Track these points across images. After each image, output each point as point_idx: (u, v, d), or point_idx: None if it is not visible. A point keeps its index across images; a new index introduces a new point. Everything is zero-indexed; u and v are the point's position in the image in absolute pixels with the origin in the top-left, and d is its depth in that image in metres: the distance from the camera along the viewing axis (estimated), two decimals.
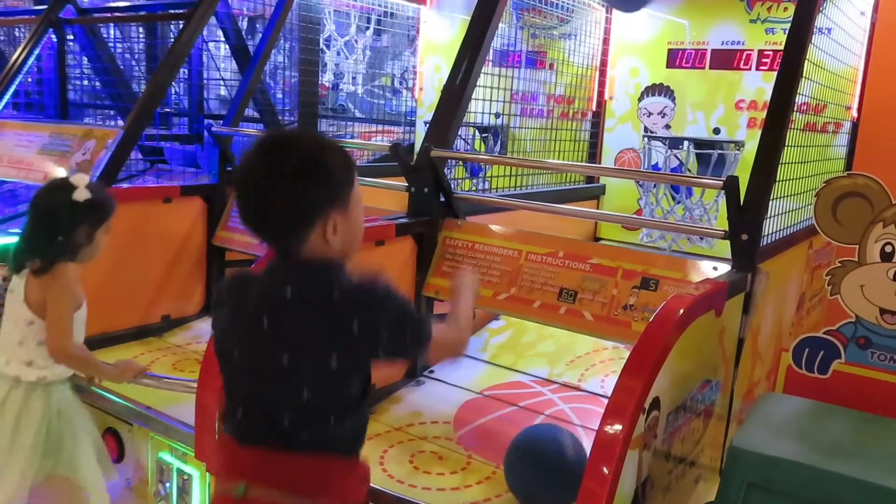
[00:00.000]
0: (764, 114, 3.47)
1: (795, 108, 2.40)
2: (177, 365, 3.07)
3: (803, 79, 2.42)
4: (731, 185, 2.19)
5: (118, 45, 4.92)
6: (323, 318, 1.45)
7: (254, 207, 1.48)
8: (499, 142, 3.95)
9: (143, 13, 4.53)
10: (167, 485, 2.42)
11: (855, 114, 3.40)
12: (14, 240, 3.03)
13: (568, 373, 2.93)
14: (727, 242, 2.28)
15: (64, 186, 2.30)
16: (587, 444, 2.14)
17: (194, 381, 2.22)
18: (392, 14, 4.71)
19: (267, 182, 1.44)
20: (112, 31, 4.93)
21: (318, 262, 1.47)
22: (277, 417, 1.48)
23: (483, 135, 3.95)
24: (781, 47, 2.46)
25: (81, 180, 2.31)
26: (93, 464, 2.34)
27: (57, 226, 2.27)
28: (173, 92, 4.43)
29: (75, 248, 2.29)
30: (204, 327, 3.46)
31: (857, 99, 3.38)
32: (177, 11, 3.98)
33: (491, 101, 3.43)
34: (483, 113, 3.43)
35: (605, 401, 2.57)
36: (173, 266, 3.47)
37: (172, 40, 3.92)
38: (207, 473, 2.27)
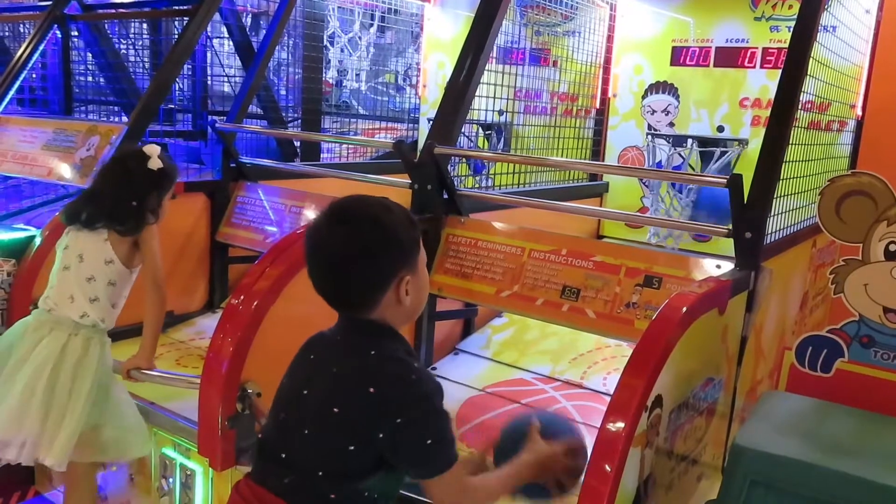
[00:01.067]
0: (768, 112, 3.47)
1: (800, 106, 2.40)
2: (180, 361, 3.07)
3: (808, 77, 2.41)
4: (734, 184, 2.19)
5: (122, 41, 4.92)
6: (346, 386, 1.46)
7: (327, 280, 1.51)
8: (502, 139, 3.95)
9: (147, 9, 4.52)
10: (170, 480, 2.43)
11: (860, 112, 3.39)
12: (19, 235, 3.05)
13: (570, 370, 2.93)
14: (731, 241, 2.28)
15: (139, 155, 2.47)
16: (589, 441, 2.15)
17: (197, 377, 2.23)
18: (396, 11, 4.71)
19: (343, 256, 1.47)
20: (117, 28, 4.94)
21: (375, 331, 1.51)
22: (279, 455, 1.51)
23: (486, 132, 3.95)
24: (786, 45, 2.46)
25: (154, 150, 2.47)
26: (135, 412, 2.44)
27: (133, 192, 2.43)
28: (177, 88, 4.42)
29: (150, 213, 2.46)
30: (207, 323, 3.47)
31: (862, 97, 3.37)
32: (181, 7, 3.99)
33: (494, 98, 3.43)
34: (486, 110, 3.43)
35: (608, 398, 2.57)
36: (177, 262, 3.47)
37: (176, 37, 3.92)
38: (210, 469, 2.27)
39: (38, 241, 2.94)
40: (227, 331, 2.21)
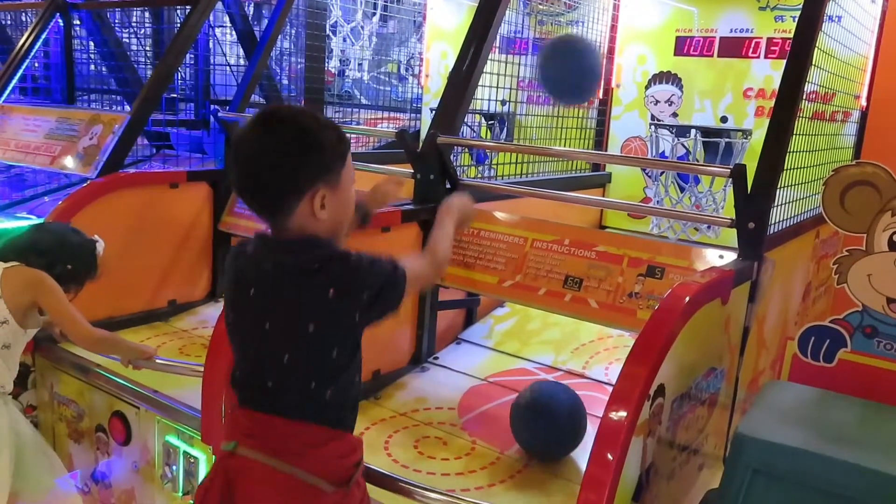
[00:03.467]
0: (772, 102, 3.46)
1: (804, 97, 2.39)
2: (183, 349, 3.08)
3: (813, 67, 2.40)
4: (738, 173, 2.19)
5: (124, 30, 4.92)
6: (300, 286, 1.52)
7: (245, 176, 1.53)
8: (505, 129, 3.94)
9: None
10: (174, 467, 2.44)
11: (864, 103, 3.38)
12: (22, 223, 3.05)
13: (573, 360, 2.93)
14: (734, 233, 2.28)
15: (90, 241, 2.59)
16: (592, 430, 2.16)
17: (201, 366, 2.24)
18: (398, 0, 4.69)
19: (258, 151, 1.49)
20: (119, 16, 4.93)
21: (304, 236, 1.53)
22: (263, 380, 1.57)
23: (489, 122, 3.94)
24: (791, 35, 2.44)
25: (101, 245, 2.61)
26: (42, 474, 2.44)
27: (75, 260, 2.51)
28: (179, 77, 4.42)
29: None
30: (210, 312, 3.48)
31: (867, 88, 3.35)
32: None
33: (497, 88, 3.42)
34: (489, 100, 3.42)
35: (610, 388, 2.58)
36: (180, 251, 3.47)
37: (179, 25, 3.91)
38: (213, 457, 2.28)
39: None
40: None
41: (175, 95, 4.51)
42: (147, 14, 5.07)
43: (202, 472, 2.37)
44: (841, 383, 1.95)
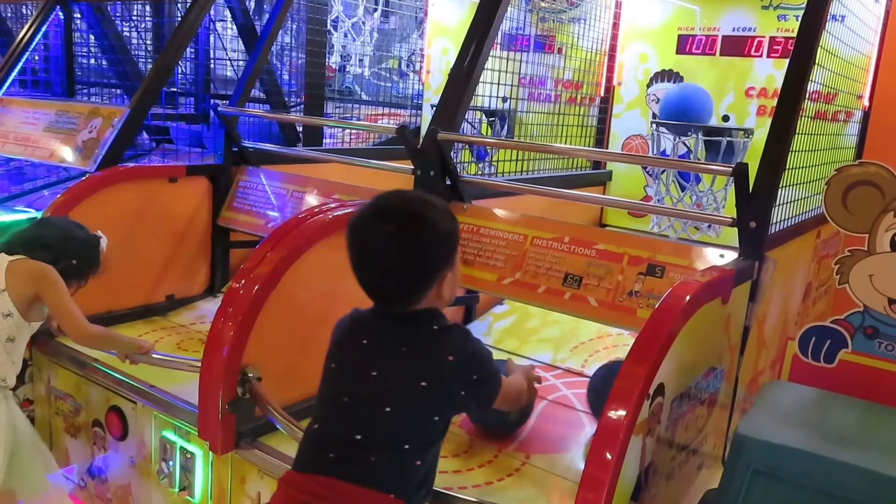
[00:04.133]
0: (774, 102, 3.44)
1: (807, 96, 2.37)
2: (181, 344, 3.07)
3: (816, 66, 2.39)
4: (740, 172, 2.17)
5: (125, 23, 4.90)
6: (420, 343, 1.55)
7: (380, 279, 1.55)
8: (505, 126, 3.93)
9: None
10: (170, 463, 2.43)
11: (867, 103, 3.36)
12: (21, 217, 3.04)
13: (572, 358, 2.92)
14: (735, 233, 2.27)
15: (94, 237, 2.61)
16: (591, 429, 2.15)
17: (198, 361, 2.23)
18: None
19: (394, 256, 1.51)
20: (119, 10, 4.92)
21: (427, 315, 1.58)
22: (351, 433, 1.52)
23: (490, 119, 3.92)
24: (794, 34, 2.43)
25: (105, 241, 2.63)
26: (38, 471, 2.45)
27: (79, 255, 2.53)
28: (179, 71, 4.40)
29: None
30: (208, 307, 3.47)
31: (870, 88, 3.34)
32: None
33: (498, 84, 3.41)
34: (490, 97, 3.41)
35: None
36: (178, 246, 3.46)
37: (179, 19, 3.90)
38: (210, 452, 2.27)
39: None
40: (227, 315, 2.21)
41: (175, 89, 4.50)
42: (148, 8, 5.05)
43: (198, 467, 2.36)
44: (841, 384, 1.94)
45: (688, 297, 1.76)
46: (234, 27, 4.48)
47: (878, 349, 1.95)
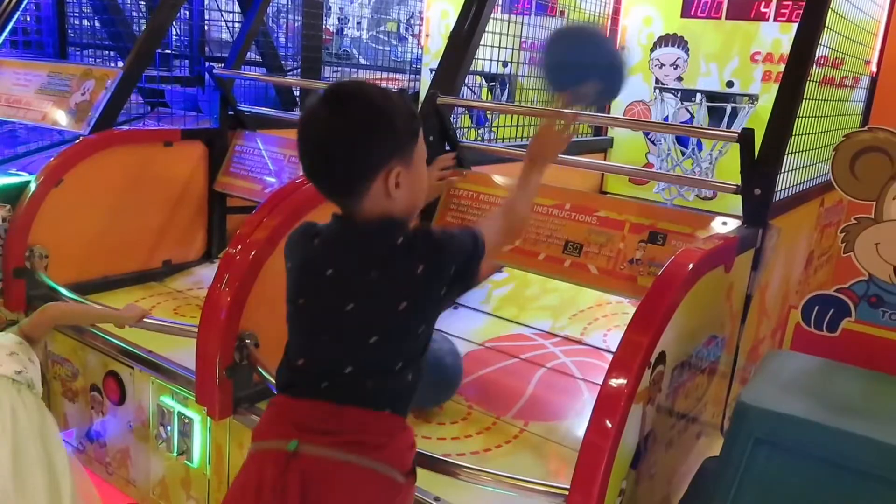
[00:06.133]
0: (780, 67, 3.39)
1: (815, 61, 2.33)
2: (178, 310, 3.05)
3: (825, 30, 2.34)
4: (746, 139, 2.13)
5: None
6: (387, 265, 1.44)
7: (315, 160, 1.45)
8: (506, 91, 3.87)
9: None
10: (168, 428, 2.42)
11: (874, 69, 3.31)
12: (14, 180, 3.00)
13: (570, 326, 2.91)
14: (731, 199, 2.23)
15: None
16: (591, 397, 2.14)
17: (195, 326, 2.21)
18: None
19: (328, 132, 1.41)
20: None
21: (381, 217, 1.45)
22: (341, 366, 1.46)
23: (490, 84, 3.87)
24: None
25: None
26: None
27: None
28: (174, 33, 4.33)
29: None
30: (205, 273, 3.45)
31: (878, 53, 3.28)
32: None
33: (499, 48, 3.35)
34: (490, 60, 3.35)
35: (607, 355, 2.57)
36: (174, 211, 3.43)
37: None
38: (208, 418, 2.26)
39: (32, 186, 2.89)
40: (224, 281, 2.18)
41: (169, 51, 4.43)
42: None
43: (196, 432, 2.35)
44: (844, 353, 1.92)
45: (691, 266, 1.73)
46: None
47: (882, 318, 1.93)
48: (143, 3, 4.67)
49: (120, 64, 4.17)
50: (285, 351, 1.57)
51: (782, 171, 2.25)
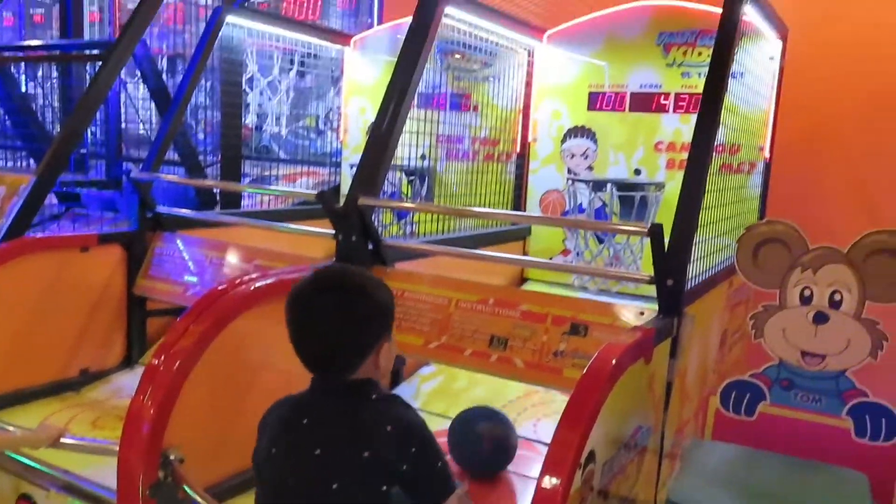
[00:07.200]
0: (681, 155, 3.58)
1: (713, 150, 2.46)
2: (97, 422, 2.93)
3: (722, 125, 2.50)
4: (655, 233, 2.23)
5: (30, 82, 4.75)
6: (358, 415, 1.53)
7: (316, 349, 1.56)
8: (425, 184, 3.96)
9: (57, 53, 4.39)
10: None
11: (767, 154, 3.54)
12: None
13: None
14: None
15: None
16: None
17: (116, 443, 2.13)
18: (315, 55, 4.68)
19: (335, 324, 1.53)
20: (23, 68, 4.77)
21: (365, 385, 1.57)
22: None
23: (410, 178, 3.95)
24: (697, 90, 2.54)
25: None
26: None
27: None
28: (90, 134, 4.28)
29: None
30: (125, 381, 3.33)
31: (769, 139, 3.52)
32: (93, 52, 3.87)
33: (417, 144, 3.44)
34: (409, 158, 3.43)
35: (538, 446, 2.58)
36: (92, 317, 3.33)
37: (88, 78, 3.80)
38: None
39: None
40: (147, 393, 2.12)
41: (85, 151, 4.38)
42: (54, 67, 4.91)
43: None
44: (763, 436, 2.00)
45: (614, 361, 1.79)
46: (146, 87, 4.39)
47: (794, 400, 2.02)
48: (56, 105, 4.62)
49: (33, 165, 4.08)
50: None
51: (692, 260, 2.36)
